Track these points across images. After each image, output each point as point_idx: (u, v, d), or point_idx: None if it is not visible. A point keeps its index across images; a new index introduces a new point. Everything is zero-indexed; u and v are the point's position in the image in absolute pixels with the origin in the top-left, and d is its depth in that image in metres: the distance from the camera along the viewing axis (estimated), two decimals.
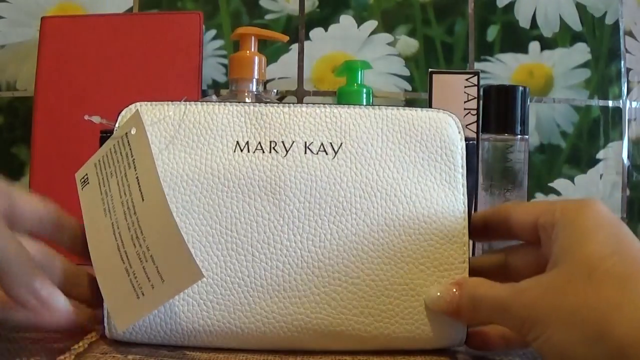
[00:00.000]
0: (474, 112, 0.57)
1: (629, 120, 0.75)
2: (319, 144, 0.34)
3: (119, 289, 0.31)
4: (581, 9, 0.75)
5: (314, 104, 0.35)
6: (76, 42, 0.68)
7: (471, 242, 0.35)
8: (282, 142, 0.34)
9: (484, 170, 0.54)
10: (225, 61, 0.74)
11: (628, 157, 0.75)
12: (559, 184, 0.74)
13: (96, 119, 0.34)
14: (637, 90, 0.76)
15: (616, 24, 0.75)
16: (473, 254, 0.53)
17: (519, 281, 0.29)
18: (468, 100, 0.57)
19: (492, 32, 0.75)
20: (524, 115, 0.53)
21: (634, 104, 0.76)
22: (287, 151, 0.34)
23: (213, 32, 0.74)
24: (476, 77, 0.58)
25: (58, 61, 0.68)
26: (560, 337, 0.26)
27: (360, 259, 0.33)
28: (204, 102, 0.35)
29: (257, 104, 0.35)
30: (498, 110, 0.54)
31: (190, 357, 0.32)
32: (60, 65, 0.68)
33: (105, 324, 0.33)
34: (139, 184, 0.32)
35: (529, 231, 0.32)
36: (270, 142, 0.34)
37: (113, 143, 0.34)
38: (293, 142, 0.34)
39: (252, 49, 0.61)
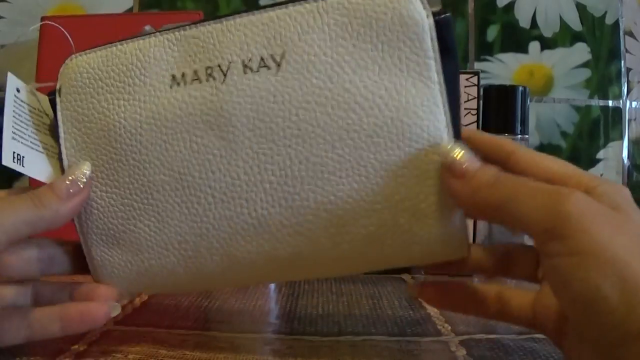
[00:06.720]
0: (474, 112, 0.57)
1: (629, 120, 0.75)
2: (259, 59, 0.29)
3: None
4: (581, 9, 0.75)
5: (249, 11, 0.29)
6: (76, 42, 0.68)
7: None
8: (219, 65, 0.29)
9: None
10: None
11: (628, 157, 0.75)
12: None
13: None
14: (637, 90, 0.76)
15: (616, 24, 0.75)
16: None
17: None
18: (468, 100, 0.57)
19: (492, 32, 0.75)
20: (524, 115, 0.53)
21: (634, 104, 0.76)
22: (225, 75, 0.29)
23: None
24: (476, 77, 0.58)
25: (58, 61, 0.68)
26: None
27: (328, 181, 0.28)
28: (133, 39, 0.32)
29: (187, 26, 0.31)
30: (498, 110, 0.54)
31: (190, 357, 0.32)
32: (60, 65, 0.68)
33: (91, 269, 0.33)
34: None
35: None
36: (206, 68, 0.30)
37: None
38: (230, 62, 0.29)
39: None
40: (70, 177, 0.31)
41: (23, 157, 0.32)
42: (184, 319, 0.40)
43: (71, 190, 0.30)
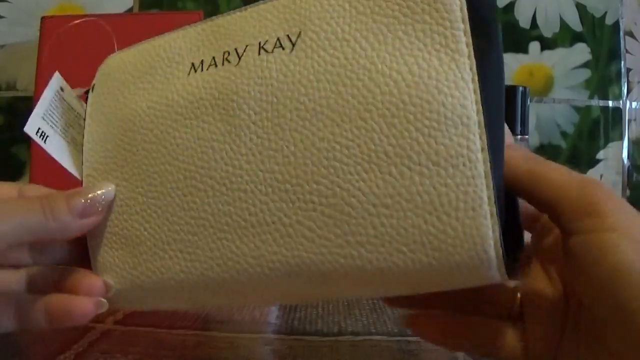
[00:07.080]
0: None
1: (629, 121, 0.75)
2: (275, 40, 0.27)
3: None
4: (581, 9, 0.75)
5: None
6: (76, 42, 0.68)
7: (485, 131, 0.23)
8: (235, 49, 0.28)
9: None
10: None
11: (628, 157, 0.75)
12: None
13: None
14: (637, 90, 0.76)
15: (616, 24, 0.75)
16: None
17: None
18: None
19: None
20: (524, 115, 0.53)
21: (634, 104, 0.76)
22: (239, 58, 0.27)
23: None
24: None
25: (58, 61, 0.68)
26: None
27: (335, 170, 0.25)
28: (166, 34, 0.32)
29: (215, 17, 0.29)
30: None
31: (190, 357, 0.32)
32: (60, 65, 0.68)
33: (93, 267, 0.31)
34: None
35: None
36: (224, 52, 0.28)
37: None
38: (246, 46, 0.27)
39: None
40: (90, 195, 0.29)
41: (47, 136, 0.32)
42: (184, 319, 0.40)
43: (87, 209, 0.29)
